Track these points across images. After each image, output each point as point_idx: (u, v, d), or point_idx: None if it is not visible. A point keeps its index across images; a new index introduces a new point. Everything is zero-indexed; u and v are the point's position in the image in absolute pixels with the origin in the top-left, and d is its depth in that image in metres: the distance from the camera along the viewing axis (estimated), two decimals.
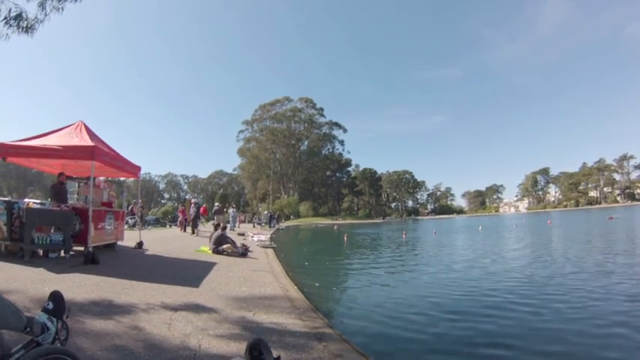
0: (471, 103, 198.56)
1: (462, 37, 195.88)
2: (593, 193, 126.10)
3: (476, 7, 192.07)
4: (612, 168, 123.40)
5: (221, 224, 12.26)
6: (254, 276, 7.63)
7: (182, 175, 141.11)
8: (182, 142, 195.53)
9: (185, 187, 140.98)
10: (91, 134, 8.64)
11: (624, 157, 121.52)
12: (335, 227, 48.97)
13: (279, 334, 3.89)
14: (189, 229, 19.84)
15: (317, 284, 8.30)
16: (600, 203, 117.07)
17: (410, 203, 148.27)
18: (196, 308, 4.65)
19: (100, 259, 7.42)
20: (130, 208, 24.00)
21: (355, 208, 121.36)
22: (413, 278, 9.43)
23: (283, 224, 50.11)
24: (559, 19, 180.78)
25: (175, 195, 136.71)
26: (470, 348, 4.39)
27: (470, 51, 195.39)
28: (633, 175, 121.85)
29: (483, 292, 7.15)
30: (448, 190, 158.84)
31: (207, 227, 23.54)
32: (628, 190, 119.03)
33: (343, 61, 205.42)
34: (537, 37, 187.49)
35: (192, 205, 20.08)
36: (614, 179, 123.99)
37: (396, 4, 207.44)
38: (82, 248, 7.99)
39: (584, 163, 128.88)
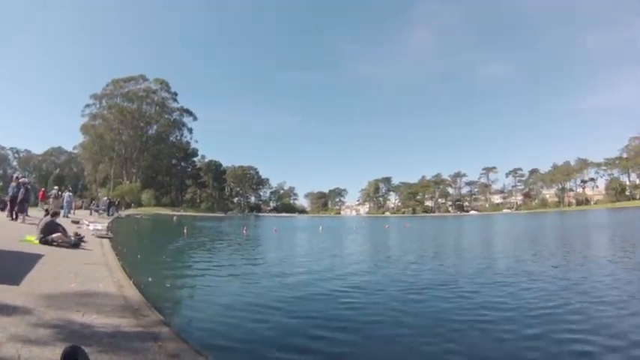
0: (325, 108, 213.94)
1: (329, 46, 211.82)
2: (429, 203, 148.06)
3: (348, 22, 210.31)
4: (447, 182, 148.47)
5: (51, 210, 10.87)
6: (86, 270, 7.11)
7: (12, 149, 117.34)
8: (12, 107, 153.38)
9: (15, 163, 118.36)
10: None
11: (458, 175, 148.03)
12: (174, 218, 47.34)
13: (111, 336, 3.74)
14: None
15: (150, 279, 8.08)
16: (434, 212, 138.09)
17: (253, 199, 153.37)
18: (15, 311, 4.17)
19: None
20: None
21: (198, 200, 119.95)
22: (250, 274, 9.88)
23: (124, 212, 45.90)
24: (422, 49, 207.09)
25: (1, 172, 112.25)
26: (308, 341, 4.81)
27: (335, 61, 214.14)
28: (464, 190, 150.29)
29: (319, 291, 7.77)
30: (292, 189, 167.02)
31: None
32: (458, 202, 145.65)
33: (205, 47, 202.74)
34: (400, 61, 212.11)
35: (17, 183, 16.69)
36: (448, 192, 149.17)
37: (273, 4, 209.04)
38: None
39: (424, 176, 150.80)
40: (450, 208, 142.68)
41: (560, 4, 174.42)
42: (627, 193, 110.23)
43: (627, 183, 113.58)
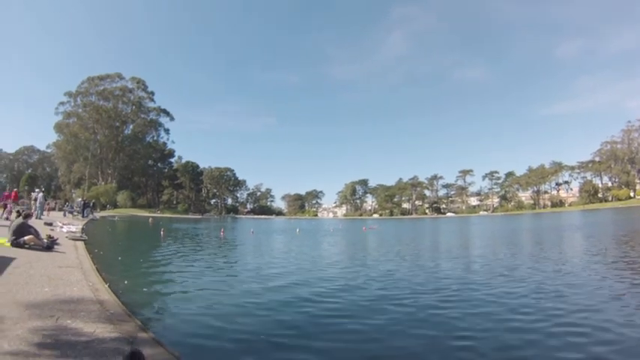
0: (302, 110, 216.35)
1: (307, 49, 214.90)
2: (406, 205, 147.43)
3: (326, 26, 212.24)
4: (424, 185, 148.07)
5: (23, 212, 10.58)
6: (60, 273, 6.98)
7: None
8: None
9: None
10: None
11: (434, 177, 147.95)
12: (150, 220, 46.68)
13: (86, 342, 3.69)
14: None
15: (126, 282, 8.04)
16: (412, 214, 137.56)
17: (229, 201, 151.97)
18: None
19: None
20: None
21: (175, 202, 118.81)
22: (228, 278, 9.84)
23: (99, 214, 44.89)
24: (397, 53, 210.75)
25: None
26: (287, 349, 4.75)
27: (312, 63, 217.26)
28: (440, 193, 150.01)
29: (298, 295, 7.71)
30: (268, 191, 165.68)
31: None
32: (435, 205, 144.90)
33: (183, 47, 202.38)
34: (376, 64, 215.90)
35: None
36: (425, 195, 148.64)
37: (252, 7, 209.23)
38: None
39: (400, 179, 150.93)
40: (427, 211, 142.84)
41: (534, 12, 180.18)
42: (600, 195, 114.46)
43: (600, 185, 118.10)
